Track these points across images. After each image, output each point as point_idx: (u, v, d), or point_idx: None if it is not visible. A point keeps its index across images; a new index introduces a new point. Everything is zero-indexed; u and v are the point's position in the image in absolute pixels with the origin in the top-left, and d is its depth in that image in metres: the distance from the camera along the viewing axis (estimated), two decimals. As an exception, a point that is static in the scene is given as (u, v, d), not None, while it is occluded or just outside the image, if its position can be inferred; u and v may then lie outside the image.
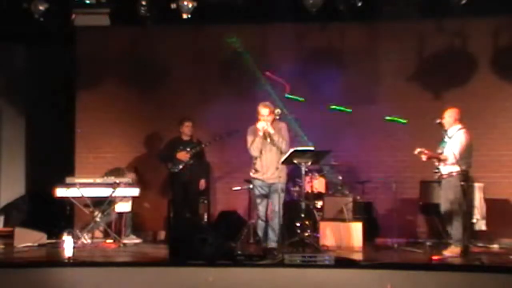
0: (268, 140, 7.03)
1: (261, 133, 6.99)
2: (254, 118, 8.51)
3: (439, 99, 8.62)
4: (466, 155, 7.05)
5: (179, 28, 9.19)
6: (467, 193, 6.98)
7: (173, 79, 9.35)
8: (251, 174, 7.27)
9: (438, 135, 7.16)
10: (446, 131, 7.10)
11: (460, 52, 8.76)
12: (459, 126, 7.14)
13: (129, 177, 8.39)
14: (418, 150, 7.05)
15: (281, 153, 7.04)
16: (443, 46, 8.81)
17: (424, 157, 7.06)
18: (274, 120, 7.11)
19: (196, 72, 9.28)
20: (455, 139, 7.04)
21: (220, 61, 9.28)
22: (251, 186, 7.65)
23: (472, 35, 8.70)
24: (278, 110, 7.22)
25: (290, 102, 8.74)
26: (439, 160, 7.07)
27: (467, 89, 8.73)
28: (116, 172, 8.65)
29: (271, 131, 6.99)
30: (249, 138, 7.15)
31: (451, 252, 6.88)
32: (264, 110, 7.05)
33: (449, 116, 7.16)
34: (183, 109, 9.12)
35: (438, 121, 7.13)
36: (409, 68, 8.92)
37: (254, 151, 7.11)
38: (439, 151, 7.10)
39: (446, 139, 7.05)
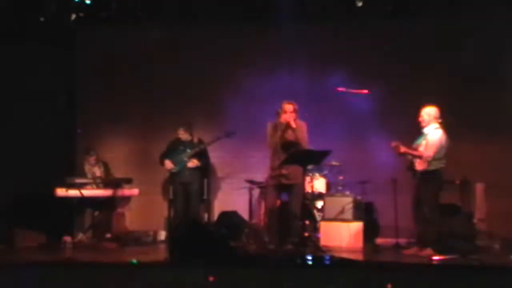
0: (289, 133, 7.30)
1: (284, 122, 7.33)
2: (253, 118, 8.56)
3: (440, 99, 8.60)
4: (441, 155, 7.09)
5: (180, 28, 9.22)
6: (438, 193, 7.14)
7: (173, 79, 9.35)
8: (269, 172, 7.47)
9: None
10: (422, 128, 7.18)
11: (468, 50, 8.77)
12: (436, 125, 7.17)
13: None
14: (394, 143, 7.14)
15: None
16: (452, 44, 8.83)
17: (401, 150, 7.13)
18: (296, 118, 7.41)
19: (196, 72, 9.28)
20: (432, 137, 7.07)
21: (220, 62, 9.28)
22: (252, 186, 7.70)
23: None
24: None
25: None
26: (414, 156, 7.10)
27: (470, 90, 8.73)
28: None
29: (294, 126, 7.31)
30: (269, 131, 7.46)
31: (426, 253, 6.94)
32: (288, 106, 7.41)
33: (428, 114, 7.20)
34: (183, 108, 9.13)
35: (439, 121, 7.14)
36: (410, 68, 8.92)
37: (271, 144, 7.39)
38: (414, 147, 7.20)
39: (422, 136, 7.12)
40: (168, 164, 8.41)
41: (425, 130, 7.18)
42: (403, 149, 7.14)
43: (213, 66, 9.26)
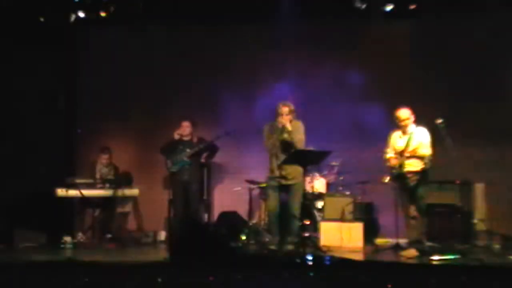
0: (286, 135, 7.23)
1: (280, 125, 7.25)
2: (253, 118, 8.56)
3: (440, 99, 8.61)
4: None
5: (179, 28, 9.22)
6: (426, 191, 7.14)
7: (173, 78, 9.36)
8: (268, 174, 7.44)
9: (438, 135, 7.17)
10: (405, 130, 7.18)
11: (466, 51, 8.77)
12: (414, 124, 7.19)
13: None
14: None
15: None
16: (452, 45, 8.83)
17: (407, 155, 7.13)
18: (292, 120, 7.32)
19: (196, 72, 9.29)
20: (424, 136, 7.08)
21: (221, 61, 9.29)
22: (252, 186, 7.67)
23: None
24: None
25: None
26: (417, 158, 7.10)
27: (470, 90, 8.73)
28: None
29: (289, 128, 7.22)
30: (265, 133, 7.41)
31: (410, 254, 6.92)
32: (284, 109, 7.31)
33: (410, 115, 7.20)
34: (184, 108, 9.13)
35: (439, 121, 7.12)
36: (410, 68, 8.93)
37: (268, 146, 7.35)
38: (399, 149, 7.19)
39: (407, 138, 7.10)
40: (168, 163, 8.40)
41: (409, 131, 7.15)
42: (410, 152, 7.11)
43: (213, 66, 9.26)
